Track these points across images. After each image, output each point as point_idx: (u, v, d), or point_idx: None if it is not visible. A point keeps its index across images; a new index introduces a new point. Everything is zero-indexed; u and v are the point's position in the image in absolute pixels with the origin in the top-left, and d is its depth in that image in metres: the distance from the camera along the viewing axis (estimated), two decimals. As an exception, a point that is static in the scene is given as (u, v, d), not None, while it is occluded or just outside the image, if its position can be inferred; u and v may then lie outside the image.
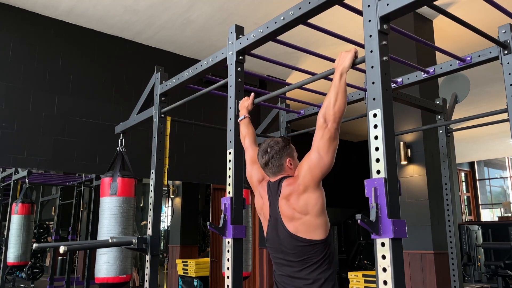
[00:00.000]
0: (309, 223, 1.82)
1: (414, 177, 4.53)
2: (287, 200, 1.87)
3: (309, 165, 1.80)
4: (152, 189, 2.90)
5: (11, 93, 4.52)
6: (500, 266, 5.87)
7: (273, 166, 1.98)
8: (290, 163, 1.99)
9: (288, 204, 1.87)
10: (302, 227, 1.83)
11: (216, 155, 5.81)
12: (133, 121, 3.35)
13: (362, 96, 3.02)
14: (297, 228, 1.84)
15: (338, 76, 1.74)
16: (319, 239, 1.83)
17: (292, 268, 1.87)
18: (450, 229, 3.16)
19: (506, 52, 2.25)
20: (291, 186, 1.88)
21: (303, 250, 1.83)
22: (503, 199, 13.39)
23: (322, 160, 1.76)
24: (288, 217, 1.87)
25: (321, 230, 1.83)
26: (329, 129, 1.73)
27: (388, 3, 1.54)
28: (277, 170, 1.98)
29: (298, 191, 1.84)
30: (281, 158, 1.97)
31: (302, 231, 1.83)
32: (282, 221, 1.89)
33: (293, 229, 1.85)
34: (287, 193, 1.88)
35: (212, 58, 2.45)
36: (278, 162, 1.97)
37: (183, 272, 6.11)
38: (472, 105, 7.48)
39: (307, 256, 1.83)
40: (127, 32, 5.30)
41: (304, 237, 1.83)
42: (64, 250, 2.23)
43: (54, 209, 5.63)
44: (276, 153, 1.97)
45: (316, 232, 1.82)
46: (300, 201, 1.83)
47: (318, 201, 1.82)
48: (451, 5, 4.63)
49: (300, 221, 1.84)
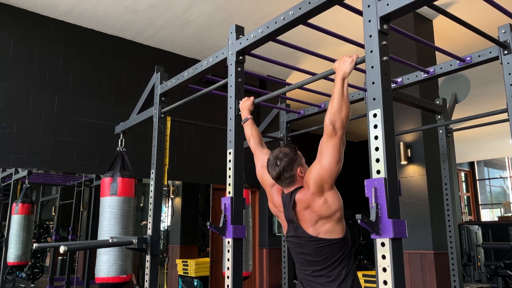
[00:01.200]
0: (330, 224, 1.87)
1: (414, 177, 4.53)
2: (307, 208, 1.89)
3: (320, 173, 1.82)
4: (152, 189, 2.90)
5: (11, 93, 4.52)
6: (500, 266, 5.87)
7: (285, 178, 1.98)
8: (301, 171, 1.99)
9: (310, 212, 1.88)
10: (323, 228, 1.87)
11: (216, 155, 5.81)
12: (133, 121, 3.35)
13: (362, 96, 3.02)
14: (318, 231, 1.88)
15: (340, 81, 1.75)
16: (338, 237, 1.87)
17: (313, 267, 1.91)
18: (450, 229, 3.16)
19: (506, 52, 2.25)
20: (305, 197, 1.90)
21: (324, 250, 1.87)
22: (503, 199, 13.39)
23: (332, 169, 1.80)
24: (309, 223, 1.90)
25: (340, 229, 1.88)
26: (339, 136, 1.77)
27: (388, 3, 1.54)
28: (290, 182, 1.98)
29: (314, 198, 1.86)
30: (292, 169, 1.97)
31: (323, 233, 1.87)
32: (302, 227, 1.92)
33: (313, 232, 1.88)
34: (305, 203, 1.90)
35: (212, 58, 2.45)
36: (290, 174, 1.97)
37: (183, 272, 6.11)
38: (472, 105, 7.48)
39: (327, 255, 1.87)
40: (127, 32, 5.30)
41: (325, 237, 1.87)
42: (64, 250, 2.23)
43: (54, 209, 5.63)
44: (286, 166, 1.96)
45: (335, 231, 1.87)
46: (321, 206, 1.85)
47: (335, 201, 1.86)
48: (451, 5, 4.63)
49: (322, 223, 1.87)
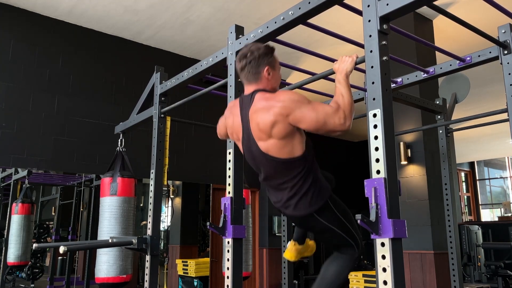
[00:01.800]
0: (277, 144, 1.74)
1: (414, 177, 4.53)
2: (256, 113, 1.76)
3: (303, 113, 1.67)
4: (152, 189, 2.90)
5: (11, 93, 4.52)
6: (500, 266, 5.87)
7: (249, 72, 1.82)
8: (268, 72, 1.82)
9: (257, 120, 1.76)
10: (272, 147, 1.76)
11: (216, 155, 5.81)
12: (133, 121, 3.35)
13: (362, 96, 3.02)
14: (268, 148, 1.77)
15: (344, 78, 1.74)
16: (292, 157, 1.76)
17: (275, 180, 1.84)
18: (450, 229, 3.16)
19: (506, 52, 2.25)
20: (265, 101, 1.75)
21: (279, 167, 1.78)
22: (503, 199, 13.38)
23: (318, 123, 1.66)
24: (256, 135, 1.78)
25: (296, 148, 1.76)
26: (343, 126, 1.65)
27: (388, 3, 1.54)
28: (253, 78, 1.82)
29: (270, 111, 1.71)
30: (259, 65, 1.80)
31: (273, 151, 1.76)
32: (254, 138, 1.80)
33: (264, 148, 1.77)
34: (258, 107, 1.76)
35: (212, 58, 2.45)
36: (256, 69, 1.80)
37: (183, 272, 6.11)
38: (472, 105, 7.48)
39: (284, 171, 1.78)
40: (127, 32, 5.30)
41: (276, 156, 1.76)
42: (64, 250, 2.23)
43: (54, 209, 5.63)
44: (254, 59, 1.80)
45: (289, 151, 1.75)
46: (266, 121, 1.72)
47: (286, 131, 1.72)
48: (451, 5, 4.63)
49: (267, 141, 1.76)
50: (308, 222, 1.87)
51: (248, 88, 1.87)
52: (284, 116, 1.69)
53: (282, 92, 1.79)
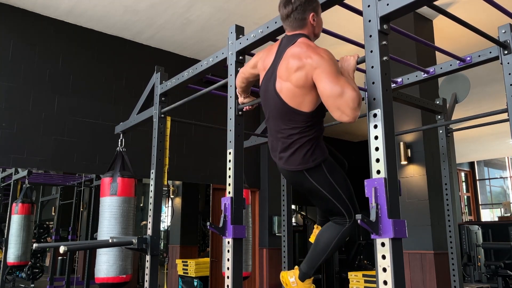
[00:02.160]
0: (291, 90, 1.73)
1: (414, 177, 4.53)
2: (291, 52, 1.74)
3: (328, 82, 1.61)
4: (152, 189, 2.90)
5: (11, 93, 4.52)
6: (500, 266, 5.87)
7: (294, 19, 1.78)
8: (313, 18, 1.79)
9: (287, 64, 1.74)
10: (285, 90, 1.75)
11: (216, 155, 5.81)
12: (133, 121, 3.35)
13: (362, 96, 3.01)
14: (281, 89, 1.77)
15: (347, 75, 1.73)
16: (299, 109, 1.75)
17: (276, 124, 1.85)
18: (450, 229, 3.16)
19: (506, 52, 2.26)
20: (306, 48, 1.70)
21: (284, 112, 1.78)
22: (503, 199, 13.39)
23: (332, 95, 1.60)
24: (280, 72, 1.77)
25: (304, 104, 1.74)
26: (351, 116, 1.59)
27: (388, 3, 1.54)
28: (298, 25, 1.79)
29: (303, 65, 1.68)
30: (305, 11, 1.77)
31: (284, 94, 1.75)
32: (276, 74, 1.79)
33: (279, 87, 1.78)
34: (297, 50, 1.72)
35: (212, 58, 2.45)
36: (302, 15, 1.77)
37: (183, 272, 6.11)
38: (472, 105, 7.48)
39: (287, 118, 1.78)
40: (127, 32, 5.30)
41: (285, 100, 1.76)
42: (64, 250, 2.23)
43: (54, 209, 5.63)
44: (301, 4, 1.76)
45: (297, 103, 1.74)
46: (293, 64, 1.71)
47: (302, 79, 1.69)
48: (451, 5, 4.63)
49: (285, 83, 1.75)
50: (297, 178, 1.86)
51: (292, 32, 1.83)
52: (312, 68, 1.65)
53: (324, 50, 1.73)
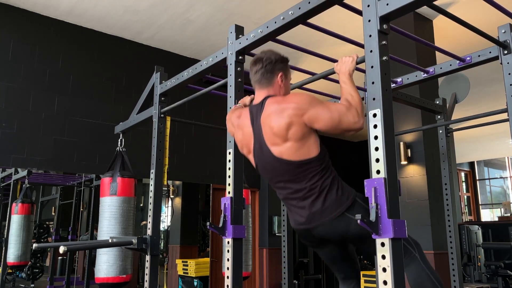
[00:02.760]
0: (293, 147, 1.69)
1: (414, 177, 4.53)
2: (269, 117, 1.72)
3: (319, 113, 1.64)
4: (152, 189, 2.90)
5: (11, 93, 4.52)
6: (500, 266, 5.87)
7: (262, 76, 1.82)
8: (281, 78, 1.83)
9: (270, 123, 1.72)
10: (285, 151, 1.70)
11: (216, 155, 5.81)
12: (133, 121, 3.35)
13: (362, 96, 3.01)
14: (281, 152, 1.71)
15: (349, 78, 1.75)
16: (308, 158, 1.70)
17: (295, 188, 1.75)
18: (450, 229, 3.16)
19: (506, 52, 2.25)
20: (277, 104, 1.72)
21: (295, 171, 1.72)
22: (503, 199, 13.39)
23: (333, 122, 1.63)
24: (269, 140, 1.73)
25: (311, 149, 1.70)
26: (356, 124, 1.63)
27: (388, 3, 1.54)
28: (266, 82, 1.82)
29: (284, 114, 1.67)
30: (273, 70, 1.82)
31: (287, 155, 1.70)
32: (266, 144, 1.75)
33: (277, 152, 1.72)
34: (270, 111, 1.72)
35: (212, 58, 2.45)
36: (270, 74, 1.81)
37: (183, 272, 6.11)
38: (472, 105, 7.48)
39: (301, 174, 1.71)
40: (127, 32, 5.30)
41: (290, 159, 1.70)
42: (64, 250, 2.23)
43: (54, 209, 5.63)
44: (271, 63, 1.82)
45: (304, 152, 1.70)
46: (280, 124, 1.67)
47: (302, 133, 1.68)
48: (451, 5, 4.63)
49: (282, 146, 1.71)
50: (341, 227, 1.69)
51: (259, 93, 1.86)
52: (299, 117, 1.65)
53: (293, 94, 1.77)
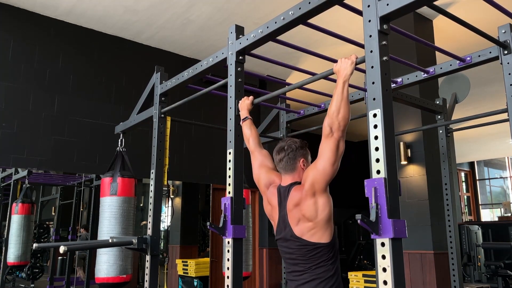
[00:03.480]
0: (315, 228, 1.87)
1: (414, 177, 4.53)
2: (296, 206, 1.91)
3: (314, 175, 1.85)
4: (152, 189, 2.90)
5: (11, 93, 4.52)
6: (500, 266, 5.86)
7: (286, 163, 2.02)
8: (303, 163, 2.03)
9: (298, 210, 1.90)
10: (308, 231, 1.88)
11: (216, 155, 5.81)
12: (133, 121, 3.35)
13: (362, 96, 3.02)
14: (302, 232, 1.89)
15: (342, 84, 1.76)
16: (324, 242, 1.88)
17: (296, 266, 1.93)
18: (450, 229, 3.16)
19: (506, 52, 2.25)
20: (299, 192, 1.92)
21: (308, 253, 1.89)
22: (503, 199, 13.39)
23: (327, 171, 1.81)
24: (295, 221, 1.91)
25: (326, 235, 1.88)
26: (335, 138, 1.77)
27: (388, 3, 1.54)
28: (290, 168, 2.02)
29: (306, 198, 1.88)
30: (295, 157, 2.02)
31: (308, 235, 1.88)
32: (290, 224, 1.93)
33: (299, 232, 1.90)
34: (296, 200, 1.92)
35: (212, 58, 2.45)
36: (293, 161, 2.02)
37: (183, 272, 6.11)
38: (472, 105, 7.48)
39: (311, 257, 1.88)
40: (127, 32, 5.30)
41: (309, 240, 1.88)
42: (64, 250, 2.23)
43: (54, 209, 5.63)
44: (292, 151, 2.02)
45: (321, 236, 1.88)
46: (309, 206, 1.87)
47: (326, 206, 1.87)
48: (451, 5, 4.63)
49: (306, 225, 1.88)
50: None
51: (285, 177, 2.04)
52: (311, 190, 1.85)
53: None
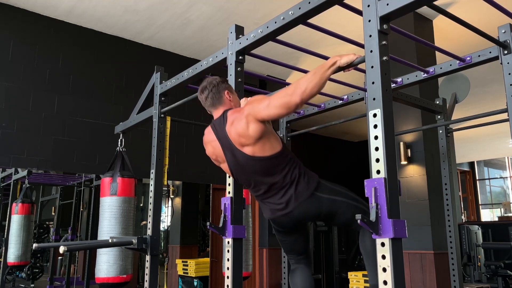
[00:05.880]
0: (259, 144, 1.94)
1: (414, 177, 4.53)
2: (232, 125, 1.97)
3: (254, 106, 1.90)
4: (152, 189, 2.90)
5: (11, 93, 4.52)
6: (500, 266, 5.86)
7: (212, 99, 2.10)
8: (228, 95, 2.11)
9: (235, 129, 1.96)
10: (256, 149, 1.95)
11: (216, 155, 5.80)
12: (133, 121, 3.35)
13: (362, 96, 3.02)
14: (253, 151, 1.95)
15: (331, 63, 1.72)
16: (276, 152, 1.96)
17: (271, 181, 1.99)
18: (450, 229, 3.16)
19: (506, 52, 2.26)
20: (237, 113, 1.98)
21: (269, 165, 1.96)
22: (503, 199, 13.39)
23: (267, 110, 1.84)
24: (239, 144, 1.97)
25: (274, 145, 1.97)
26: (293, 100, 1.76)
27: (388, 3, 1.54)
28: (218, 102, 2.10)
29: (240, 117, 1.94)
30: (219, 91, 2.10)
31: (258, 151, 1.95)
32: (238, 148, 1.98)
33: (250, 151, 1.95)
34: (233, 119, 1.98)
35: (212, 58, 2.45)
36: (218, 95, 2.09)
37: (183, 272, 6.11)
38: (472, 105, 7.48)
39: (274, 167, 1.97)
40: (127, 32, 5.30)
41: (263, 155, 1.95)
42: (64, 250, 2.23)
43: (54, 209, 5.63)
44: (214, 86, 2.10)
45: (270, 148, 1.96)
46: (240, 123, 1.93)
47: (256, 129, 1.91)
48: (451, 5, 4.63)
49: (250, 146, 1.95)
50: (314, 205, 1.99)
51: (216, 112, 2.11)
52: (252, 116, 1.90)
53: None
